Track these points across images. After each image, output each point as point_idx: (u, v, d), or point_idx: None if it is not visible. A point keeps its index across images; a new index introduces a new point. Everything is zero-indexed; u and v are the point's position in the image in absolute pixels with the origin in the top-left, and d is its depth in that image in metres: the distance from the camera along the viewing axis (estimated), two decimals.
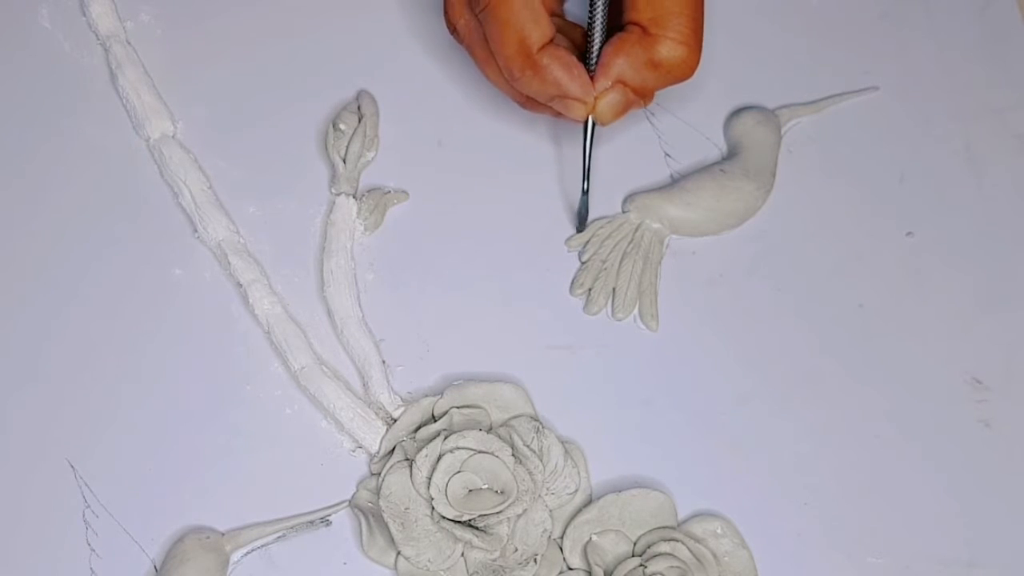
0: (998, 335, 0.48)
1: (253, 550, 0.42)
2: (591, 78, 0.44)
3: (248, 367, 0.45)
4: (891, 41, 0.53)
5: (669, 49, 0.44)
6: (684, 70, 0.44)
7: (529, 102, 0.46)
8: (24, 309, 0.45)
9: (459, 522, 0.42)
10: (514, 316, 0.47)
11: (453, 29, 0.46)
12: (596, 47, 0.45)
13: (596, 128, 0.46)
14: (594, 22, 0.45)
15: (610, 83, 0.44)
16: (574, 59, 0.44)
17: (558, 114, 0.46)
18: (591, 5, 0.45)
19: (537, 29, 0.43)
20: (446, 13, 0.46)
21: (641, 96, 0.45)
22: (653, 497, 0.43)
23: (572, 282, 0.48)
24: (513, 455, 0.43)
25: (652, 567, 0.41)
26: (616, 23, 0.45)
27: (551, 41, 0.44)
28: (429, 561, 0.42)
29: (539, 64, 0.43)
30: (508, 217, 0.49)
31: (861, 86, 0.52)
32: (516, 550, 0.42)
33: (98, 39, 0.50)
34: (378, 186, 0.49)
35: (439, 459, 0.42)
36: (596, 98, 0.44)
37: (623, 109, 0.45)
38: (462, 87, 0.51)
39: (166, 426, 0.44)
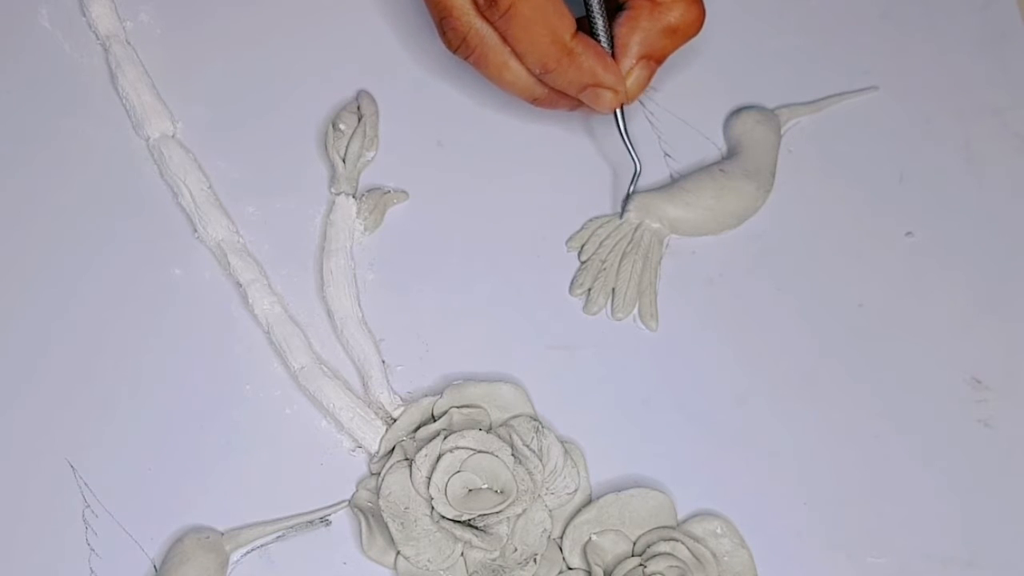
0: (998, 335, 0.48)
1: (253, 550, 0.42)
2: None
3: (248, 367, 0.45)
4: (891, 41, 0.53)
5: (682, 11, 0.44)
6: (697, 26, 0.45)
7: (548, 98, 0.46)
8: (24, 309, 0.45)
9: (459, 522, 0.42)
10: (514, 316, 0.47)
11: (460, 43, 0.45)
12: (602, 29, 0.45)
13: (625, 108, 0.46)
14: (592, 4, 0.45)
15: (634, 61, 0.45)
16: (602, 48, 0.45)
17: (577, 106, 0.46)
18: None
19: (564, 19, 0.43)
20: (446, 32, 0.45)
21: (659, 63, 0.46)
22: (653, 497, 0.43)
23: (572, 282, 0.48)
24: (513, 455, 0.43)
25: (652, 567, 0.41)
26: (610, 3, 0.45)
27: (577, 30, 0.44)
28: (429, 561, 0.42)
29: (574, 52, 0.43)
30: (508, 217, 0.49)
31: (861, 86, 0.52)
32: (516, 550, 0.42)
33: (98, 39, 0.50)
34: (378, 186, 0.49)
35: (439, 459, 0.42)
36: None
37: (648, 82, 0.46)
38: (462, 87, 0.51)
39: (166, 426, 0.44)
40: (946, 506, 0.45)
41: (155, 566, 0.42)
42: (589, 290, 0.47)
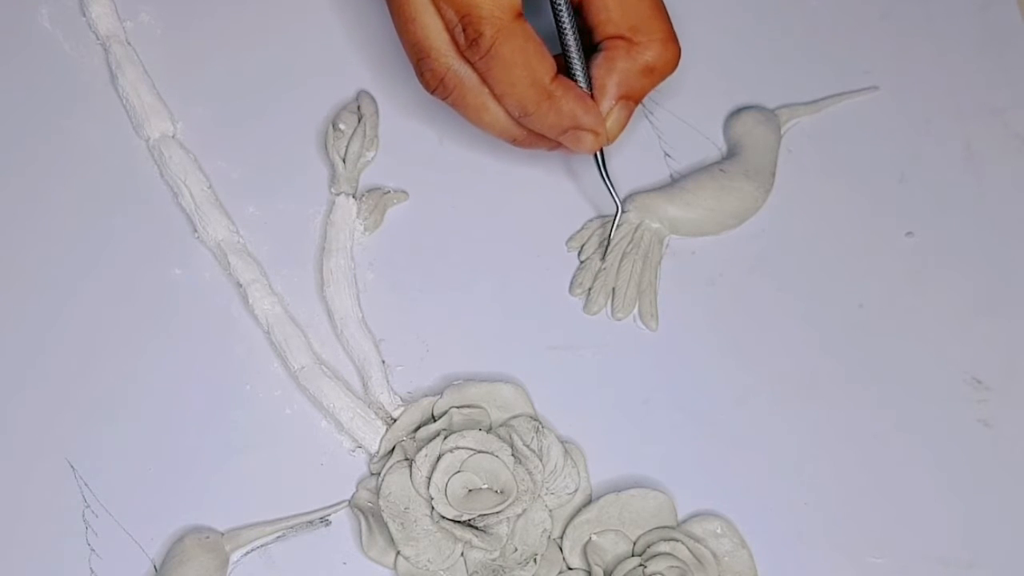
0: (998, 335, 0.48)
1: (253, 550, 0.42)
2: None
3: (248, 367, 0.45)
4: (891, 41, 0.53)
5: (659, 52, 0.44)
6: (674, 65, 0.45)
7: (527, 139, 0.46)
8: (24, 309, 0.45)
9: (459, 522, 0.42)
10: (514, 316, 0.47)
11: (438, 84, 0.44)
12: (580, 70, 0.44)
13: (604, 149, 0.46)
14: (569, 46, 0.44)
15: (613, 102, 0.45)
16: (582, 90, 0.44)
17: (556, 147, 0.46)
18: (560, 32, 0.44)
19: (545, 62, 0.43)
20: (424, 73, 0.44)
21: (637, 103, 0.46)
22: (653, 497, 0.43)
23: (572, 282, 0.48)
24: (513, 455, 0.43)
25: (652, 567, 0.41)
26: (584, 43, 0.45)
27: (557, 73, 0.44)
28: (429, 561, 0.42)
29: (554, 95, 0.43)
30: (508, 217, 0.49)
31: (861, 86, 0.52)
32: (516, 550, 0.42)
33: (98, 39, 0.50)
34: (378, 186, 0.49)
35: (439, 459, 0.42)
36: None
37: (627, 122, 0.45)
38: None
39: (166, 426, 0.44)
40: (946, 506, 0.45)
41: (155, 566, 0.42)
42: (589, 290, 0.47)
